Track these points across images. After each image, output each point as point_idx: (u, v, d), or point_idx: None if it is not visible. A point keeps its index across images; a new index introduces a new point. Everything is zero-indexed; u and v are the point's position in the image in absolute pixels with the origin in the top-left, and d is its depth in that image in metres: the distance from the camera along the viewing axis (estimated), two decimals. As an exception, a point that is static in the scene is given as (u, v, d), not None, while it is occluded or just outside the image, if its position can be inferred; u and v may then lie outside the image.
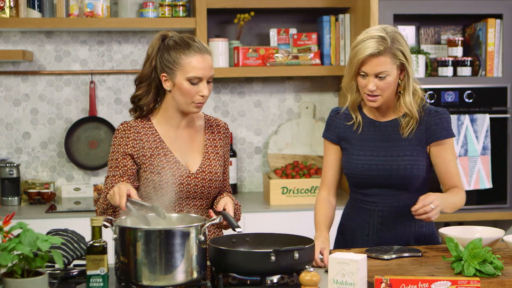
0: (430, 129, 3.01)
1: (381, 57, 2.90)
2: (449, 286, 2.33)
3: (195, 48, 2.86)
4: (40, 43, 4.79)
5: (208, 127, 3.05)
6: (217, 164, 2.99)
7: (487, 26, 4.51)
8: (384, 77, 2.91)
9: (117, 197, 2.61)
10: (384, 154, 3.01)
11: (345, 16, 4.74)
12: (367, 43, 2.91)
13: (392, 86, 2.96)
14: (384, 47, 2.89)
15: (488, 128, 4.45)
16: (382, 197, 3.04)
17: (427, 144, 3.01)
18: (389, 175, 3.00)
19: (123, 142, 2.91)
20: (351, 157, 3.06)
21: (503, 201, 4.56)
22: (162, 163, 2.90)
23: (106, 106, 4.87)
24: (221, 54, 4.69)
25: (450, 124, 3.05)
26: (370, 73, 2.92)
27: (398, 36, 2.96)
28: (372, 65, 2.91)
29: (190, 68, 2.83)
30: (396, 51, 2.92)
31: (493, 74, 4.54)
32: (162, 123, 2.97)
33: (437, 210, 2.79)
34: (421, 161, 3.01)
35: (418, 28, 4.80)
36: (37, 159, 4.83)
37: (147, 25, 4.64)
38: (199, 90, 2.86)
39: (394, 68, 2.93)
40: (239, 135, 4.98)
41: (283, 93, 5.01)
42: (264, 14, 4.90)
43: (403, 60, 2.94)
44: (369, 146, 3.04)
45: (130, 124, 2.95)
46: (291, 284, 2.51)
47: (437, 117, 3.02)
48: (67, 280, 2.54)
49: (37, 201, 4.62)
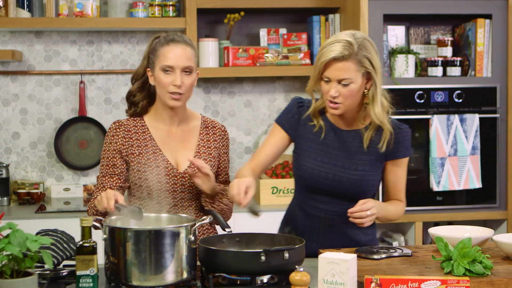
0: (391, 146, 2.92)
1: (345, 62, 2.77)
2: (439, 286, 2.33)
3: (172, 40, 2.91)
4: (30, 43, 4.78)
5: (204, 128, 3.05)
6: (208, 164, 2.98)
7: (477, 26, 4.53)
8: (347, 84, 2.79)
9: (105, 200, 2.65)
10: (339, 164, 2.92)
11: (335, 16, 4.74)
12: (333, 46, 2.79)
13: (356, 95, 2.83)
14: (350, 52, 2.76)
15: (478, 128, 4.46)
16: (331, 205, 2.96)
17: (385, 160, 2.96)
18: (339, 186, 2.92)
19: (114, 140, 2.94)
20: (305, 159, 2.96)
21: (493, 201, 4.57)
22: (149, 161, 2.91)
23: (96, 106, 4.86)
24: (211, 54, 4.69)
25: (410, 141, 2.99)
26: (333, 78, 2.80)
27: (367, 44, 2.82)
28: (335, 70, 2.78)
29: (163, 57, 2.88)
30: (363, 58, 2.79)
31: (482, 74, 4.55)
32: (154, 121, 2.99)
33: (372, 218, 2.79)
34: (374, 176, 2.95)
35: (408, 28, 4.81)
36: (26, 159, 4.82)
37: (137, 25, 4.63)
38: (172, 80, 2.87)
39: (358, 75, 2.80)
40: (229, 135, 4.97)
41: (273, 93, 5.01)
42: (254, 14, 4.90)
43: (369, 69, 2.81)
44: (325, 152, 2.94)
45: (121, 122, 2.98)
46: (281, 284, 2.51)
47: (400, 134, 2.94)
48: (56, 280, 2.53)
49: (26, 201, 4.61)
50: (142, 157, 2.91)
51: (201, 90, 4.92)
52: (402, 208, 3.04)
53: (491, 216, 4.57)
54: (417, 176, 4.53)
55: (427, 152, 4.49)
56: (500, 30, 4.53)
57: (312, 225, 2.99)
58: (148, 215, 2.65)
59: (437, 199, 4.53)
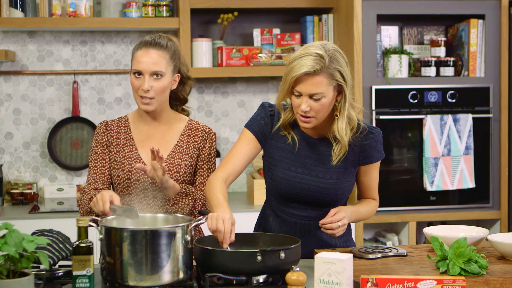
0: (364, 151, 2.90)
1: (317, 76, 2.69)
2: (434, 285, 2.34)
3: (146, 43, 2.94)
4: (23, 43, 4.77)
5: (187, 130, 3.05)
6: (182, 164, 2.99)
7: (470, 26, 4.54)
8: (319, 98, 2.72)
9: (100, 203, 2.70)
10: (312, 173, 2.88)
11: (329, 16, 4.75)
12: (303, 60, 2.70)
13: (327, 108, 2.77)
14: (321, 66, 2.68)
15: (471, 128, 4.47)
16: (305, 211, 2.93)
17: (359, 165, 2.93)
18: (313, 195, 2.89)
19: (99, 138, 3.03)
20: (278, 170, 2.90)
21: (486, 201, 4.58)
22: (124, 159, 2.98)
23: (89, 106, 4.85)
24: (205, 54, 4.69)
25: (382, 143, 2.96)
26: (304, 93, 2.72)
27: (338, 55, 2.74)
28: (307, 85, 2.70)
29: (135, 61, 2.94)
30: (334, 71, 2.71)
31: (475, 74, 4.56)
32: (137, 122, 3.05)
33: (343, 228, 2.78)
34: (347, 183, 2.92)
35: (401, 28, 4.82)
36: (19, 160, 4.81)
37: (130, 25, 4.63)
38: (141, 84, 2.91)
39: (330, 89, 2.73)
40: (223, 135, 4.98)
41: (266, 93, 5.01)
42: (248, 14, 4.91)
43: (340, 82, 2.73)
44: (299, 162, 2.90)
45: (106, 122, 3.06)
46: (277, 284, 2.51)
47: (372, 139, 2.90)
48: (52, 280, 2.53)
49: (20, 201, 4.60)
50: (118, 155, 2.99)
51: (195, 90, 4.92)
52: (374, 207, 3.05)
53: (485, 216, 4.59)
54: (410, 176, 4.55)
55: (421, 152, 4.50)
56: (493, 30, 4.54)
57: (288, 231, 2.93)
58: (144, 215, 2.66)
59: (431, 199, 4.54)
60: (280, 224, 2.97)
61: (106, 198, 2.70)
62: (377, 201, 3.07)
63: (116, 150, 3.00)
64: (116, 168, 2.98)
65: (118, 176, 2.97)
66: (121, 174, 2.96)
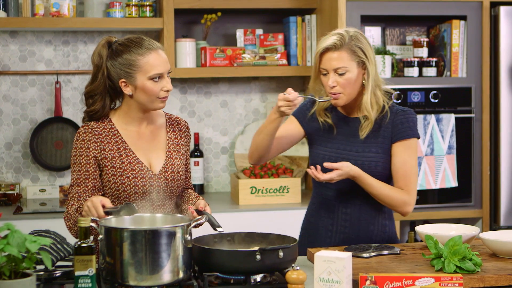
0: (396, 127, 3.03)
1: (338, 51, 2.96)
2: (432, 283, 2.37)
3: (147, 46, 2.87)
4: (4, 43, 4.74)
5: (170, 125, 3.05)
6: (179, 163, 3.00)
7: (452, 27, 4.58)
8: (343, 73, 2.96)
9: (93, 210, 2.64)
10: (350, 149, 3.04)
11: (312, 17, 4.77)
12: (326, 39, 3.00)
13: (354, 84, 2.99)
14: (341, 42, 2.96)
15: (454, 128, 4.52)
16: (346, 194, 3.06)
17: (392, 143, 3.04)
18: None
19: (85, 145, 2.89)
20: (318, 148, 3.10)
21: (468, 199, 4.63)
22: (124, 164, 2.89)
23: (72, 107, 4.83)
24: (188, 54, 4.69)
25: (416, 124, 3.08)
26: (329, 68, 2.97)
27: (359, 36, 3.01)
28: (329, 60, 2.96)
29: (150, 67, 2.83)
30: (355, 47, 2.97)
31: (457, 74, 4.61)
32: (123, 123, 2.96)
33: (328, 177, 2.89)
34: (385, 159, 3.04)
35: (384, 29, 4.86)
36: (1, 160, 4.77)
37: (113, 25, 4.61)
38: (162, 86, 2.87)
39: (353, 65, 2.97)
40: (206, 135, 4.98)
41: (249, 93, 5.02)
42: (231, 14, 4.91)
43: (362, 58, 2.98)
44: (336, 139, 3.08)
45: (91, 125, 2.92)
46: (274, 282, 2.53)
47: (403, 116, 3.05)
48: (50, 281, 2.52)
49: (3, 202, 4.56)
50: (116, 161, 2.89)
51: (178, 90, 4.92)
52: (399, 196, 2.99)
53: (466, 214, 4.63)
54: (394, 175, 4.57)
55: (404, 152, 4.53)
56: (474, 31, 4.59)
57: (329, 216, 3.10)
58: (143, 215, 2.66)
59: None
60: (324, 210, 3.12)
61: (97, 203, 2.64)
62: (409, 194, 3.01)
63: (111, 156, 2.88)
64: (118, 175, 2.87)
65: (122, 183, 2.86)
66: (126, 181, 2.86)
